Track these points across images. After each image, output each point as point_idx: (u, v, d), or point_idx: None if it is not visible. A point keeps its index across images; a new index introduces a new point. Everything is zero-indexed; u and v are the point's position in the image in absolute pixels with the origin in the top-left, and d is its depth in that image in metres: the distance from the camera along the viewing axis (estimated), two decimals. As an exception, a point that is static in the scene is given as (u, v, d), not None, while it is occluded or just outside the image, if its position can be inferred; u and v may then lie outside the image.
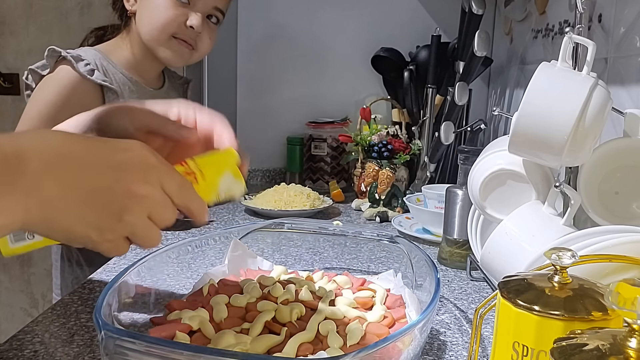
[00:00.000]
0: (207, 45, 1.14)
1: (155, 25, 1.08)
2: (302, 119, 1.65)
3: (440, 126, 1.26)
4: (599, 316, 0.40)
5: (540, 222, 0.67)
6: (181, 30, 1.08)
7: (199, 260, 0.78)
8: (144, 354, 0.45)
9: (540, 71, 0.65)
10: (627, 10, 0.85)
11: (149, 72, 1.17)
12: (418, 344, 0.55)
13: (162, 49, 1.10)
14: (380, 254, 0.94)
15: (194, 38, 1.10)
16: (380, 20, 1.67)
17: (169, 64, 1.16)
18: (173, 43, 1.09)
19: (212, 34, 1.14)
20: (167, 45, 1.10)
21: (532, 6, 1.31)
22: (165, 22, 1.07)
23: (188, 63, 1.17)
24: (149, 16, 1.08)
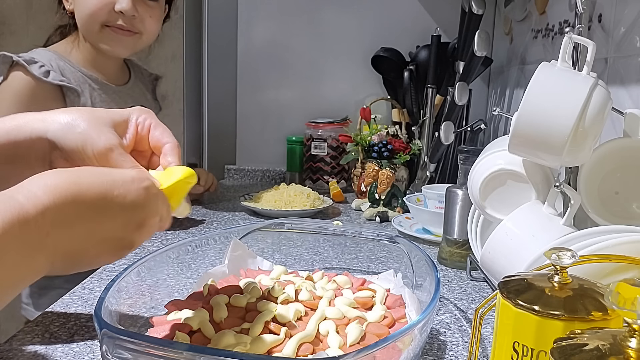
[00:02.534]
0: (151, 25, 1.09)
1: (84, 17, 1.04)
2: (302, 119, 1.65)
3: (440, 126, 1.26)
4: (599, 316, 0.40)
5: (540, 222, 0.67)
6: (112, 17, 1.04)
7: (199, 260, 0.78)
8: (144, 354, 0.45)
9: (540, 71, 0.65)
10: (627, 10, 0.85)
11: (109, 68, 1.13)
12: (418, 344, 0.55)
13: (98, 41, 1.07)
14: (380, 254, 0.94)
15: (130, 22, 1.05)
16: (380, 20, 1.67)
17: (115, 54, 1.11)
18: (106, 33, 1.05)
19: (152, 12, 1.08)
20: (102, 36, 1.06)
21: (532, 6, 1.31)
22: (91, 12, 1.03)
23: (136, 50, 1.12)
24: (79, 10, 1.05)
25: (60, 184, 0.42)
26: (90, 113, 0.55)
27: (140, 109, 0.58)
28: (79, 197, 0.43)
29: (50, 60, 1.04)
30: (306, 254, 0.94)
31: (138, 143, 0.57)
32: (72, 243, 0.43)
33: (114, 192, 0.45)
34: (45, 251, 0.41)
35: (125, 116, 0.56)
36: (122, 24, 1.05)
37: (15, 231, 0.39)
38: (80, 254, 0.45)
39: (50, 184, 0.42)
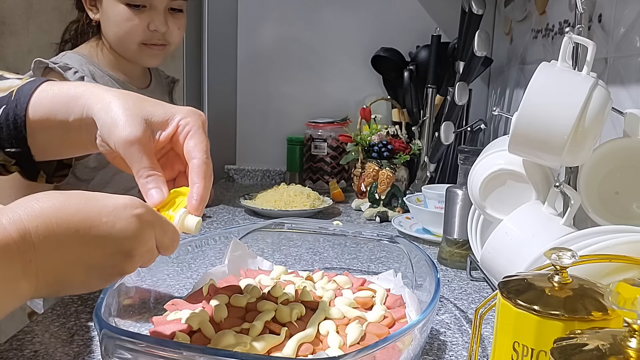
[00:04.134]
0: (178, 35, 1.13)
1: (120, 37, 1.07)
2: (302, 119, 1.65)
3: (440, 126, 1.26)
4: (599, 316, 0.40)
5: (540, 222, 0.67)
6: (147, 35, 1.08)
7: (199, 260, 0.78)
8: (144, 354, 0.45)
9: (540, 71, 0.65)
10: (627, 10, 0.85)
11: (133, 72, 1.16)
12: (418, 344, 0.55)
13: (136, 58, 1.11)
14: (380, 254, 0.94)
15: (163, 38, 1.10)
16: (380, 20, 1.67)
17: (147, 66, 1.17)
18: (144, 50, 1.09)
19: (179, 23, 1.12)
20: (140, 53, 1.10)
21: (532, 6, 1.31)
22: (128, 33, 1.06)
23: (165, 59, 1.16)
24: (112, 30, 1.08)
25: (46, 209, 0.41)
26: (132, 100, 0.53)
27: (190, 111, 0.55)
28: (63, 223, 0.41)
29: (81, 64, 1.06)
30: (306, 254, 0.94)
31: (175, 145, 0.54)
32: (57, 270, 0.41)
33: (102, 218, 0.43)
34: (28, 277, 0.39)
35: (169, 114, 0.53)
36: (157, 41, 1.09)
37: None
38: (65, 280, 0.43)
39: (36, 208, 0.40)
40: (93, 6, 1.09)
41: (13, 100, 0.56)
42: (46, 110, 0.55)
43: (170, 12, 1.10)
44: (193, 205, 0.51)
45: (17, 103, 0.56)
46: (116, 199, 0.45)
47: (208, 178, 0.52)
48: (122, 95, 0.53)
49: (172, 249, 0.49)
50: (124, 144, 0.50)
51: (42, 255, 0.40)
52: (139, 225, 0.45)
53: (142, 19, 1.06)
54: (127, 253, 0.44)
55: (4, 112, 0.56)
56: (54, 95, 0.56)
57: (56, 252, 0.41)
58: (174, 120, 0.53)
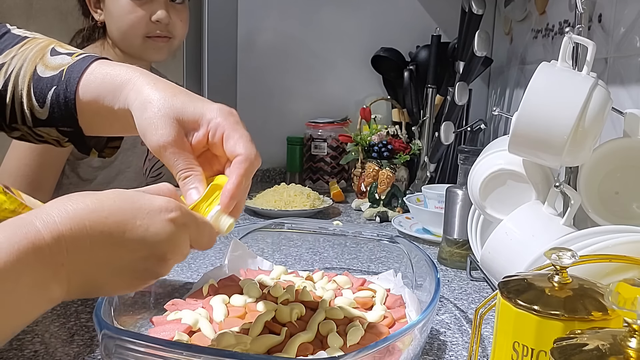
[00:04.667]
0: (181, 27, 1.13)
1: (123, 32, 1.08)
2: (302, 119, 1.65)
3: (440, 126, 1.26)
4: (599, 316, 0.40)
5: (540, 222, 0.67)
6: (150, 28, 1.07)
7: (199, 260, 0.78)
8: (144, 354, 0.45)
9: (540, 71, 0.65)
10: (627, 10, 0.85)
11: None
12: (418, 344, 0.55)
13: (141, 53, 1.10)
14: (380, 254, 0.94)
15: (165, 29, 1.09)
16: (380, 20, 1.67)
17: (154, 61, 1.16)
18: (149, 43, 1.09)
19: (181, 15, 1.12)
20: (145, 47, 1.09)
21: (532, 6, 1.31)
22: (131, 26, 1.06)
23: (171, 53, 1.16)
24: (116, 25, 1.08)
25: (80, 210, 0.40)
26: (165, 96, 0.52)
27: (218, 111, 0.52)
28: (97, 226, 0.40)
29: None
30: (306, 254, 0.94)
31: (212, 147, 0.53)
32: (89, 273, 0.41)
33: (136, 222, 0.42)
34: (59, 280, 0.39)
35: (198, 114, 0.52)
36: (159, 33, 1.09)
37: (29, 259, 0.37)
38: (97, 283, 0.42)
39: (69, 210, 0.40)
40: (97, 7, 1.10)
41: (63, 80, 0.57)
42: (94, 95, 0.56)
43: (172, 3, 1.10)
44: (223, 201, 0.49)
45: (67, 84, 0.57)
46: (151, 201, 0.44)
47: (245, 175, 0.50)
48: (159, 90, 0.52)
49: (209, 246, 0.49)
50: (157, 148, 0.50)
51: (75, 259, 0.39)
52: (174, 229, 0.44)
53: (144, 11, 1.06)
54: (161, 257, 0.44)
55: (54, 92, 0.57)
56: (102, 79, 0.56)
57: (89, 255, 0.40)
58: (204, 121, 0.52)
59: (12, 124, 0.61)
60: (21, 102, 0.60)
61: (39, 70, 0.59)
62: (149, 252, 0.43)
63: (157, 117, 0.50)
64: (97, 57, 0.59)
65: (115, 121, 0.56)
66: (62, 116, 0.58)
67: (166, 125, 0.50)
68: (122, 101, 0.54)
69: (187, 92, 0.54)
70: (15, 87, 0.59)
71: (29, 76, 0.59)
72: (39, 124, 0.60)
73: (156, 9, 1.07)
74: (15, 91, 0.60)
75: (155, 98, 0.51)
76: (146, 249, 0.43)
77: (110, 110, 0.55)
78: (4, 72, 0.60)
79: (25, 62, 0.60)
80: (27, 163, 0.99)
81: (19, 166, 0.99)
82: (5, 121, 0.61)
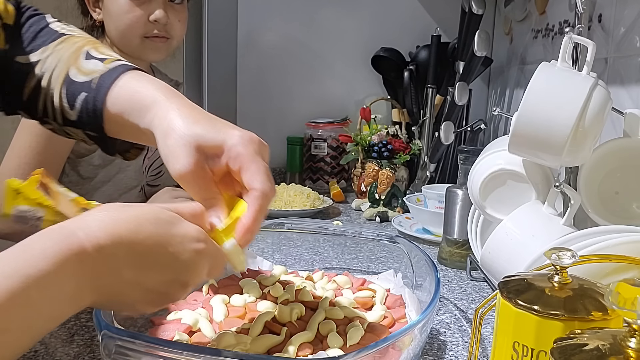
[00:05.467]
0: (179, 28, 1.12)
1: (121, 31, 1.07)
2: (302, 119, 1.65)
3: (440, 126, 1.26)
4: (599, 316, 0.40)
5: (540, 222, 0.67)
6: (148, 28, 1.07)
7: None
8: (144, 354, 0.45)
9: (540, 71, 0.65)
10: (627, 10, 0.85)
11: None
12: (418, 344, 0.55)
13: (139, 53, 1.10)
14: (380, 254, 0.94)
15: (164, 29, 1.09)
16: (380, 20, 1.67)
17: (151, 61, 1.16)
18: (147, 43, 1.09)
19: (180, 15, 1.12)
20: (142, 47, 1.09)
21: (532, 6, 1.31)
22: (129, 26, 1.06)
23: (169, 54, 1.15)
24: (114, 25, 1.08)
25: (119, 228, 0.42)
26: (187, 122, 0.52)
27: (240, 138, 0.52)
28: (135, 246, 0.42)
29: None
30: (306, 254, 0.94)
31: (232, 172, 0.53)
32: (117, 288, 0.43)
33: (169, 248, 0.44)
34: (92, 291, 0.41)
35: (220, 140, 0.51)
36: (157, 32, 1.08)
37: (74, 269, 0.39)
38: (120, 299, 0.44)
39: (110, 226, 0.42)
40: (96, 7, 1.10)
41: (93, 89, 0.58)
42: (121, 110, 0.57)
43: (171, 3, 1.10)
44: (239, 236, 0.51)
45: (96, 94, 0.58)
46: (185, 229, 0.46)
47: (261, 210, 0.51)
48: (182, 117, 0.53)
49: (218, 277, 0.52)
50: (178, 177, 0.51)
51: (108, 273, 0.41)
52: (200, 260, 0.46)
53: (142, 11, 1.06)
54: (184, 283, 0.46)
55: (84, 99, 0.59)
56: (130, 96, 0.57)
57: (121, 272, 0.42)
58: (225, 147, 0.52)
59: (44, 117, 0.63)
60: (52, 100, 0.61)
61: (71, 73, 0.60)
62: (175, 277, 0.45)
63: (178, 146, 0.51)
64: (128, 67, 0.60)
65: (141, 136, 0.57)
66: (90, 122, 0.59)
67: (187, 155, 0.51)
68: (147, 122, 0.55)
69: (210, 118, 0.54)
70: (49, 85, 0.61)
71: (62, 77, 0.60)
72: (68, 124, 0.62)
73: (154, 8, 1.06)
74: (48, 89, 0.61)
75: (177, 126, 0.52)
76: (174, 274, 0.45)
77: (136, 127, 0.56)
78: (40, 68, 0.62)
79: (60, 63, 0.61)
80: (27, 162, 0.99)
81: (20, 164, 0.99)
82: (39, 115, 0.64)
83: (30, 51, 0.63)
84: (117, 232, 0.42)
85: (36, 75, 0.62)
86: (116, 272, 0.42)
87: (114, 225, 0.42)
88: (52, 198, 0.48)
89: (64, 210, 0.48)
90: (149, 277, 0.44)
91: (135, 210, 0.44)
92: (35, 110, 0.64)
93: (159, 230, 0.44)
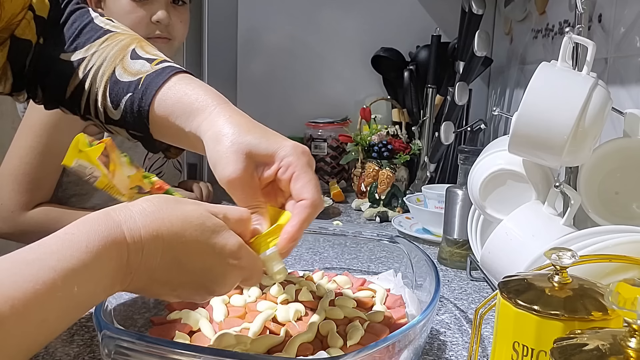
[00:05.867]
0: (181, 29, 1.12)
1: None
2: (302, 119, 1.65)
3: (440, 126, 1.26)
4: (599, 316, 0.40)
5: (540, 222, 0.67)
6: (150, 28, 1.07)
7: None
8: (144, 354, 0.45)
9: (540, 71, 0.65)
10: (627, 10, 0.85)
11: None
12: (418, 344, 0.55)
13: None
14: (380, 254, 0.94)
15: (165, 30, 1.09)
16: (380, 20, 1.67)
17: None
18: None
19: (182, 17, 1.12)
20: None
21: (532, 6, 1.31)
22: (131, 26, 1.03)
23: (171, 55, 1.14)
24: None
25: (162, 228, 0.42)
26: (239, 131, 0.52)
27: (293, 148, 0.53)
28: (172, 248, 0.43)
29: None
30: (306, 254, 0.94)
31: (279, 182, 0.53)
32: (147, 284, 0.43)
33: (206, 258, 0.45)
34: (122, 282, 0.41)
35: (272, 150, 0.52)
36: (159, 33, 1.08)
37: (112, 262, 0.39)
38: (147, 292, 0.45)
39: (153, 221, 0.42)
40: (98, 6, 1.10)
41: (139, 89, 0.58)
42: (168, 112, 0.56)
43: (173, 4, 1.10)
44: (281, 243, 0.51)
45: (142, 95, 0.57)
46: (226, 241, 0.46)
47: (307, 219, 0.51)
48: (233, 124, 0.52)
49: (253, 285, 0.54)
50: (226, 182, 0.51)
51: (142, 269, 0.42)
52: (232, 274, 0.47)
53: (145, 11, 1.06)
54: (211, 291, 0.47)
55: (130, 99, 0.58)
56: (179, 99, 0.56)
57: (155, 270, 0.42)
58: (277, 157, 0.52)
59: (86, 115, 0.63)
60: (96, 99, 0.61)
61: (117, 72, 0.59)
62: (204, 285, 0.46)
63: (229, 152, 0.51)
64: (176, 69, 0.59)
65: (184, 139, 0.57)
66: (134, 122, 0.59)
67: (237, 161, 0.50)
68: (194, 127, 0.54)
69: (261, 128, 0.54)
70: (93, 84, 0.60)
71: (107, 76, 0.60)
72: (111, 123, 0.61)
73: (157, 9, 1.07)
74: (92, 88, 0.61)
75: (229, 132, 0.51)
76: (204, 281, 0.46)
77: (182, 130, 0.56)
78: (84, 67, 0.61)
79: (105, 62, 0.60)
80: (28, 162, 0.99)
81: (20, 165, 0.99)
82: (81, 112, 0.63)
83: (75, 49, 0.62)
84: (160, 231, 0.42)
85: (80, 73, 0.61)
86: (149, 270, 0.42)
87: (158, 224, 0.42)
88: (110, 170, 0.50)
89: (117, 184, 0.50)
90: (179, 280, 0.44)
91: (183, 211, 0.44)
92: (78, 108, 0.63)
93: (200, 238, 0.44)
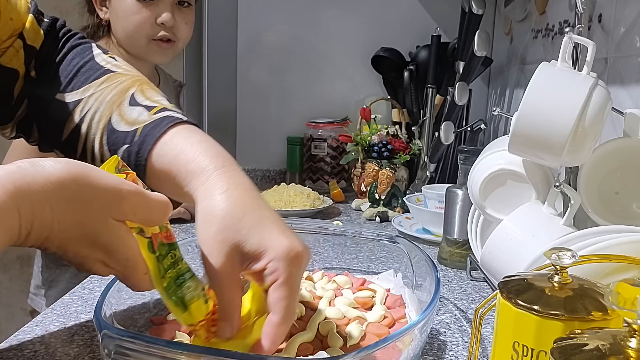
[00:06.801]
0: (186, 30, 1.12)
1: (128, 32, 1.07)
2: (302, 119, 1.65)
3: (440, 126, 1.26)
4: (599, 316, 0.40)
5: (540, 222, 0.67)
6: (154, 30, 1.07)
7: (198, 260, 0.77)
8: (144, 354, 0.45)
9: (540, 71, 0.65)
10: (627, 10, 0.85)
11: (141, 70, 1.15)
12: (418, 344, 0.55)
13: (145, 54, 1.10)
14: (380, 254, 0.94)
15: (170, 32, 1.09)
16: (380, 20, 1.67)
17: (156, 63, 1.17)
18: (152, 46, 1.09)
19: (187, 18, 1.12)
20: (148, 49, 1.09)
21: (532, 6, 1.31)
22: (136, 27, 1.06)
23: (175, 56, 1.16)
24: (121, 25, 1.08)
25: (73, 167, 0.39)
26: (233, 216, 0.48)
27: (284, 252, 0.48)
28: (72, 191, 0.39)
29: None
30: (306, 254, 0.94)
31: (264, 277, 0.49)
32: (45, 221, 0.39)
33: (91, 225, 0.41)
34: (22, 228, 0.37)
35: (262, 248, 0.48)
36: (164, 35, 1.09)
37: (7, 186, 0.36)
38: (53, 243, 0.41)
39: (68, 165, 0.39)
40: (103, 6, 1.10)
41: (136, 142, 0.55)
42: (165, 168, 0.54)
43: (179, 6, 1.10)
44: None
45: (139, 147, 0.55)
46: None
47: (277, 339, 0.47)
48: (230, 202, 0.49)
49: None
50: (205, 270, 0.49)
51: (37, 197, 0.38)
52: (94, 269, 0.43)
53: (150, 12, 1.06)
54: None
55: (126, 150, 0.56)
56: (175, 157, 0.54)
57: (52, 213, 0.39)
58: (265, 256, 0.48)
59: (83, 159, 0.60)
60: (93, 146, 0.59)
61: (113, 120, 0.57)
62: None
63: (215, 241, 0.48)
64: (175, 120, 0.56)
65: (183, 196, 0.54)
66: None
67: (220, 254, 0.48)
68: (191, 189, 0.52)
69: (258, 212, 0.50)
70: (89, 129, 0.58)
71: (103, 123, 0.58)
72: None
73: (162, 11, 1.07)
74: (88, 133, 0.58)
75: (220, 214, 0.48)
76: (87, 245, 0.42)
77: (180, 188, 0.53)
78: (80, 109, 0.59)
79: (102, 106, 0.58)
80: None
81: None
82: (77, 156, 0.60)
83: (72, 89, 0.60)
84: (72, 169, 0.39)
85: (76, 117, 0.59)
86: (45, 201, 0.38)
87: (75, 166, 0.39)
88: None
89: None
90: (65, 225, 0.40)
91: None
92: (74, 152, 0.60)
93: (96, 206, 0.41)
